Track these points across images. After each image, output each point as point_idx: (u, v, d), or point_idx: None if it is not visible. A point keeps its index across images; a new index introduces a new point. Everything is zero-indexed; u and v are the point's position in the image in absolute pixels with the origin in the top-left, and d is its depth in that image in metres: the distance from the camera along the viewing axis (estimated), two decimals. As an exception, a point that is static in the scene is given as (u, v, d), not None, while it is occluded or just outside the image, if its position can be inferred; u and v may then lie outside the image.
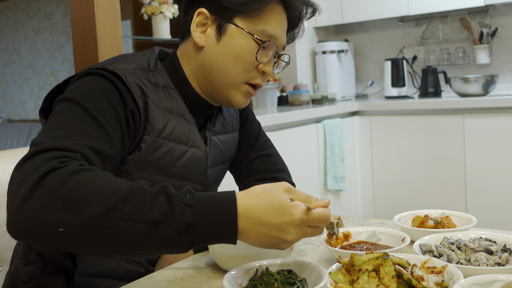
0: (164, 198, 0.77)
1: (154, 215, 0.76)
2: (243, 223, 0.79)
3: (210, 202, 0.78)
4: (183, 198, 0.78)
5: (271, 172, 1.27)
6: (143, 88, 1.02)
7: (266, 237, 0.80)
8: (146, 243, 0.77)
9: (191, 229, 0.77)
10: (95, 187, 0.76)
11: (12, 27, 5.73)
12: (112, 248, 0.79)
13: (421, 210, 1.15)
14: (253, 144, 1.28)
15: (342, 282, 0.80)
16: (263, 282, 0.79)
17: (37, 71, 5.56)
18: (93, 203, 0.75)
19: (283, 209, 0.79)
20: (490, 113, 3.06)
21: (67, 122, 0.89)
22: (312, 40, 3.96)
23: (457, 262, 0.89)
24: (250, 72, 1.08)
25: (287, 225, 0.80)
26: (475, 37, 3.59)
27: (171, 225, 0.76)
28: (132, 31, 4.17)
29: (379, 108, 3.45)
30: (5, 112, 5.88)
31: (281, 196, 0.80)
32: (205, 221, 0.77)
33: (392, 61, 3.72)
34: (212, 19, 1.07)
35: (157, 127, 1.03)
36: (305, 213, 0.80)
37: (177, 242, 0.78)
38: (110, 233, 0.76)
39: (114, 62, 1.04)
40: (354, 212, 3.50)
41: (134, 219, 0.75)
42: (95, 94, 0.95)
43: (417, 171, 3.33)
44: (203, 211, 0.77)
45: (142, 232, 0.76)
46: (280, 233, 0.80)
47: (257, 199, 0.80)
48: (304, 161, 3.06)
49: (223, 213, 0.78)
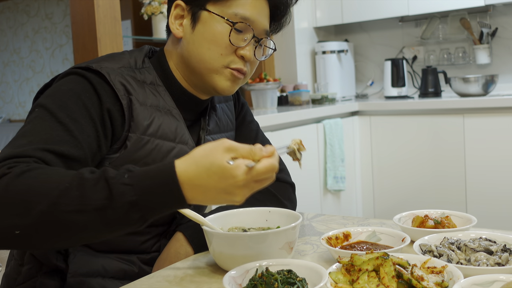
0: (103, 182, 0.78)
1: (97, 202, 0.78)
2: (188, 192, 0.79)
3: (149, 176, 0.79)
4: (121, 178, 0.78)
5: None
6: (127, 86, 1.04)
7: (216, 199, 0.82)
8: (99, 229, 0.79)
9: (136, 207, 0.78)
10: (38, 185, 0.79)
11: (12, 27, 5.73)
12: (72, 239, 0.82)
13: (421, 210, 1.15)
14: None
15: (342, 282, 0.80)
16: (263, 282, 0.79)
17: (37, 71, 5.56)
18: (38, 201, 0.78)
19: (224, 173, 0.78)
20: (490, 113, 3.06)
21: (32, 129, 0.93)
22: (312, 40, 3.96)
23: (457, 262, 0.89)
24: (228, 56, 1.08)
25: (232, 188, 0.79)
26: (475, 37, 3.59)
27: (115, 208, 0.78)
28: (132, 31, 4.17)
29: (379, 108, 3.45)
30: (5, 112, 5.88)
31: (221, 159, 0.79)
32: (148, 196, 0.78)
33: (392, 61, 3.72)
34: (187, 10, 1.10)
35: (142, 124, 1.04)
36: (248, 172, 0.79)
37: (127, 222, 0.79)
38: (62, 227, 0.78)
39: (100, 61, 1.06)
40: (354, 212, 3.50)
41: (78, 209, 0.78)
42: (67, 96, 0.97)
43: (417, 171, 3.32)
44: (144, 187, 0.78)
45: (90, 220, 0.78)
46: (227, 195, 0.80)
47: (197, 166, 0.79)
48: (304, 161, 3.05)
49: (165, 185, 0.79)
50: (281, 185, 1.26)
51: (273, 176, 0.82)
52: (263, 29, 1.12)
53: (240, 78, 1.11)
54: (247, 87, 3.30)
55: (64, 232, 0.79)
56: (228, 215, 1.08)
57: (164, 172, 0.79)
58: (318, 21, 3.93)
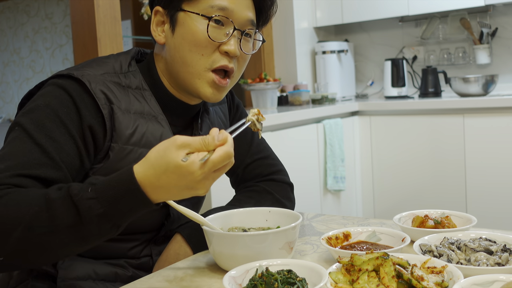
0: (69, 200, 0.81)
1: (67, 220, 0.81)
2: (152, 194, 0.82)
3: (111, 186, 0.82)
4: (85, 193, 0.81)
5: (267, 175, 1.26)
6: (108, 94, 1.01)
7: (181, 195, 0.84)
8: (77, 243, 0.83)
9: (106, 217, 0.81)
10: (10, 212, 0.82)
11: (12, 27, 5.73)
12: (57, 255, 0.86)
13: (421, 210, 1.15)
14: (247, 149, 1.27)
15: (342, 282, 0.80)
16: (263, 282, 0.79)
17: (37, 71, 5.56)
18: (12, 228, 0.81)
19: (182, 171, 0.80)
20: (490, 113, 3.06)
21: (10, 152, 0.92)
22: (312, 40, 3.96)
23: (457, 262, 0.89)
24: (210, 56, 1.03)
25: (192, 183, 0.82)
26: (475, 37, 3.59)
27: (85, 223, 0.81)
28: (132, 31, 4.17)
29: (379, 108, 3.45)
30: (5, 112, 5.88)
31: (176, 158, 0.80)
32: (114, 205, 0.81)
33: (392, 61, 3.72)
34: (165, 14, 1.07)
35: (125, 134, 1.02)
36: (204, 166, 0.80)
37: (101, 233, 0.83)
38: (41, 248, 0.82)
39: (83, 67, 1.03)
40: (354, 212, 3.50)
41: (51, 230, 0.81)
42: (45, 113, 0.95)
43: (417, 171, 3.32)
44: (108, 198, 0.81)
45: (66, 237, 0.82)
46: (190, 190, 0.83)
47: (154, 169, 0.81)
48: (304, 161, 3.06)
49: (128, 191, 0.81)
50: (280, 185, 1.26)
51: (231, 161, 0.84)
52: (246, 19, 1.05)
53: (223, 86, 1.06)
54: (247, 87, 3.30)
55: (45, 252, 0.82)
56: (228, 215, 1.08)
57: (125, 179, 0.82)
58: (318, 21, 3.93)
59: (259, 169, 1.26)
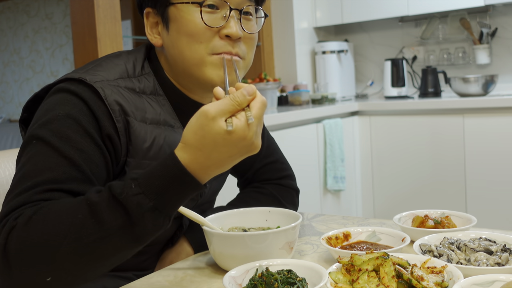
0: (114, 201, 0.75)
1: (117, 222, 0.75)
2: (203, 175, 0.78)
3: (156, 176, 0.76)
4: (129, 190, 0.75)
5: (276, 179, 1.25)
6: (123, 104, 0.94)
7: (235, 162, 0.81)
8: (131, 245, 0.77)
9: (157, 211, 0.76)
10: (50, 226, 0.76)
11: (12, 27, 5.73)
12: (109, 264, 0.79)
13: (421, 210, 1.15)
14: (257, 153, 1.25)
15: (342, 282, 0.80)
16: (263, 282, 0.79)
17: (37, 71, 5.56)
18: (57, 243, 0.75)
19: (232, 141, 0.77)
20: (490, 113, 3.06)
21: (35, 168, 0.84)
22: (312, 40, 3.96)
23: (457, 262, 0.89)
24: (209, 43, 0.96)
25: (247, 147, 0.79)
26: (475, 37, 3.59)
27: (137, 221, 0.75)
28: (132, 31, 4.17)
29: (379, 108, 3.45)
30: (5, 112, 5.88)
31: (220, 130, 0.76)
32: (164, 196, 0.76)
33: (392, 61, 3.72)
34: (157, 14, 1.01)
35: (142, 148, 0.96)
36: (252, 126, 0.77)
37: (155, 228, 0.77)
38: (94, 258, 0.76)
39: (95, 70, 0.96)
40: (354, 212, 3.50)
41: (102, 236, 0.75)
42: (66, 124, 0.88)
43: (417, 171, 3.32)
44: (156, 190, 0.75)
45: (119, 241, 0.76)
46: (244, 154, 0.80)
47: (202, 150, 0.77)
48: (304, 161, 3.06)
49: (176, 179, 0.76)
50: (287, 190, 1.25)
51: (264, 101, 0.80)
52: None
53: (233, 61, 0.97)
54: (247, 87, 3.30)
55: (97, 262, 0.77)
56: (228, 215, 1.08)
57: (170, 166, 0.77)
58: (318, 21, 3.93)
59: (268, 173, 1.25)
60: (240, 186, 1.30)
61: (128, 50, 1.07)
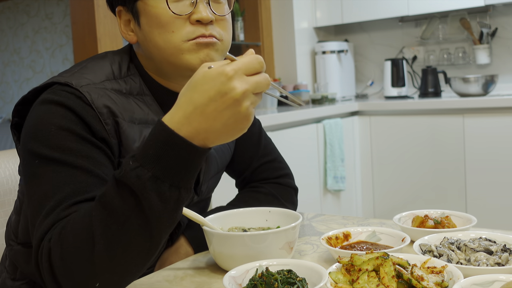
0: (116, 183, 0.75)
1: (126, 203, 0.74)
2: (194, 137, 0.75)
3: (149, 145, 0.75)
4: (128, 167, 0.75)
5: (274, 178, 1.26)
6: (112, 107, 0.93)
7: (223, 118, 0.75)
8: (152, 226, 0.75)
9: (159, 179, 0.74)
10: (78, 234, 0.76)
11: (12, 27, 5.73)
12: (145, 251, 0.78)
13: (421, 210, 1.15)
14: (254, 152, 1.25)
15: (342, 282, 0.80)
16: (263, 282, 0.79)
17: (37, 71, 5.56)
18: (89, 246, 0.75)
19: (211, 77, 0.74)
20: (490, 113, 3.06)
21: (51, 186, 0.84)
22: (312, 40, 3.96)
23: (457, 262, 0.89)
24: (181, 30, 0.94)
25: (226, 87, 0.73)
26: (475, 37, 3.59)
27: (142, 195, 0.74)
28: (132, 31, 4.17)
29: (379, 108, 3.45)
30: (5, 112, 5.88)
31: (199, 73, 0.74)
32: (161, 163, 0.74)
33: (392, 61, 3.72)
34: (127, 11, 1.00)
35: (132, 148, 0.95)
36: (232, 64, 0.73)
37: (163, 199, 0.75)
38: (126, 248, 0.76)
39: (81, 73, 0.95)
40: (354, 212, 3.50)
41: (120, 222, 0.75)
42: (61, 136, 0.87)
43: (417, 171, 3.32)
44: (151, 159, 0.74)
45: (137, 222, 0.75)
46: (229, 102, 0.74)
47: (182, 107, 0.75)
48: (304, 161, 3.06)
49: (167, 144, 0.74)
50: (285, 189, 1.26)
51: (265, 76, 0.77)
52: None
53: (210, 42, 0.95)
54: (247, 87, 3.30)
55: (131, 251, 0.76)
56: (228, 215, 1.08)
57: (157, 131, 0.75)
58: (318, 21, 3.93)
59: (266, 172, 1.25)
60: (238, 186, 1.30)
61: (113, 51, 1.07)
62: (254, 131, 1.26)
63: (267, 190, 1.22)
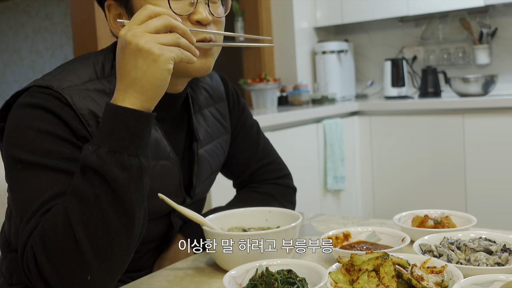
0: (82, 171, 0.79)
1: (94, 184, 0.78)
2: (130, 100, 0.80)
3: (102, 126, 0.80)
4: (88, 150, 0.79)
5: (273, 179, 1.25)
6: (93, 109, 0.92)
7: (137, 64, 0.79)
8: (125, 204, 0.78)
9: (116, 153, 0.78)
10: (57, 226, 0.78)
11: (13, 27, 5.73)
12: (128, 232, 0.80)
13: (421, 210, 1.15)
14: (253, 154, 1.25)
15: (342, 282, 0.80)
16: (263, 282, 0.79)
17: (38, 71, 5.56)
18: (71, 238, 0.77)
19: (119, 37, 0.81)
20: (490, 113, 3.06)
21: (33, 190, 0.85)
22: (312, 40, 3.96)
23: (457, 262, 0.89)
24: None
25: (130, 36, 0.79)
26: (475, 37, 3.59)
27: (105, 172, 0.77)
28: (132, 31, 4.16)
29: (379, 108, 3.45)
30: (5, 112, 5.88)
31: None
32: (114, 137, 0.78)
33: (392, 61, 3.72)
34: (119, 5, 0.98)
35: None
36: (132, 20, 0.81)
37: (124, 168, 0.78)
38: (108, 232, 0.78)
39: (62, 76, 0.93)
40: (354, 212, 3.50)
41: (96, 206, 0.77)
42: (40, 139, 0.87)
43: (417, 171, 3.33)
44: (105, 136, 0.78)
45: (110, 202, 0.77)
46: (134, 48, 0.79)
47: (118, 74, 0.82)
48: (304, 161, 3.06)
49: (115, 116, 0.79)
50: (284, 189, 1.25)
51: (158, 17, 0.81)
52: None
53: (207, 48, 0.95)
54: (247, 87, 3.30)
55: (114, 234, 0.78)
56: (228, 215, 1.08)
57: (105, 110, 0.80)
58: (318, 21, 3.93)
59: (265, 175, 1.25)
60: (236, 187, 1.30)
61: (97, 51, 1.05)
62: (252, 132, 1.26)
63: (266, 190, 1.22)
